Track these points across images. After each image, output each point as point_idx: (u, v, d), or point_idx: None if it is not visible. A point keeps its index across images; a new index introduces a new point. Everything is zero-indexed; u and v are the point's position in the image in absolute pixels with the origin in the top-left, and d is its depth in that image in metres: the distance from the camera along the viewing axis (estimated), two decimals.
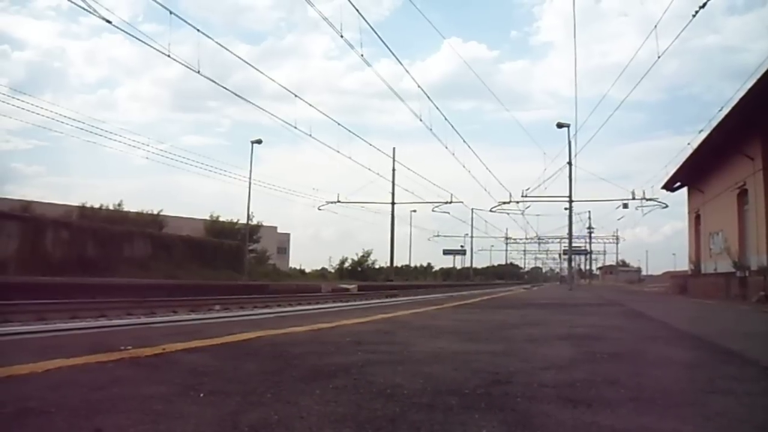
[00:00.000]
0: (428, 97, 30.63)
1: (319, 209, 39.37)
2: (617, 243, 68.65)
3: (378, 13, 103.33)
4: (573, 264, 38.84)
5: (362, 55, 16.66)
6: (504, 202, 31.52)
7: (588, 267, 78.48)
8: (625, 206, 33.20)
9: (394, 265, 46.84)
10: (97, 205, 33.59)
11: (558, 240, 60.79)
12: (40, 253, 21.03)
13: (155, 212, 36.60)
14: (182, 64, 14.99)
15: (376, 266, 55.38)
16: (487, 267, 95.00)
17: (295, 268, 53.72)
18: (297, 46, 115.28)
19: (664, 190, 27.73)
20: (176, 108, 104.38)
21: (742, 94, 14.17)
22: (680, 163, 22.39)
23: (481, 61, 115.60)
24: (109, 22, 12.88)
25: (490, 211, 34.80)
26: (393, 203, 41.40)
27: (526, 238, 63.56)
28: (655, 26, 14.44)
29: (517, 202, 31.18)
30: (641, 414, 2.12)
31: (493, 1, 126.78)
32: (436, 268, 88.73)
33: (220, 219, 42.43)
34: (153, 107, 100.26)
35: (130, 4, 68.03)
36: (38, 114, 40.93)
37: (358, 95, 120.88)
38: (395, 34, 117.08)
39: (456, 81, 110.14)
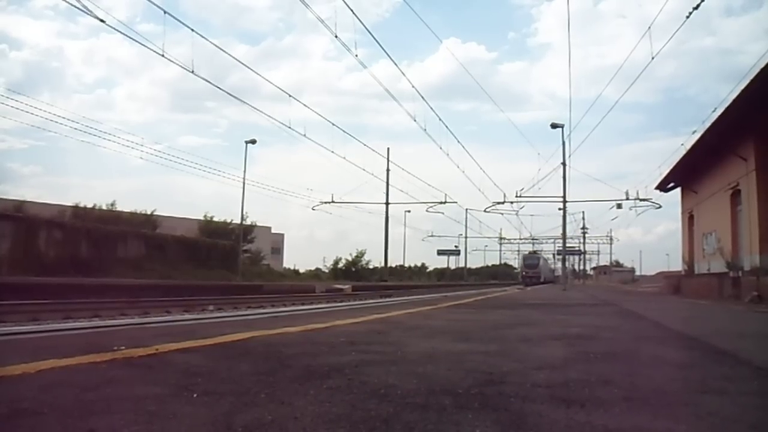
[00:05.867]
0: (423, 98, 30.79)
1: (314, 209, 39.38)
2: (611, 243, 68.93)
3: (377, 14, 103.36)
4: (567, 264, 38.93)
5: (356, 56, 16.69)
6: (498, 203, 31.61)
7: (582, 267, 78.84)
8: (619, 206, 33.45)
9: (389, 265, 46.87)
10: (90, 205, 33.51)
11: (552, 240, 61.11)
12: (33, 253, 20.94)
13: (149, 212, 36.56)
14: (177, 65, 14.96)
15: (371, 266, 55.58)
16: (481, 267, 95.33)
17: (289, 269, 53.74)
18: (296, 46, 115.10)
19: (658, 191, 27.93)
20: (174, 108, 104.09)
21: (735, 95, 14.29)
22: (674, 164, 22.54)
23: (479, 62, 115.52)
24: (102, 21, 12.84)
25: (485, 211, 34.88)
26: (387, 203, 41.45)
27: (520, 239, 63.85)
28: (649, 27, 14.52)
29: (512, 203, 31.31)
30: (634, 413, 2.13)
31: (492, 2, 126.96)
32: (431, 268, 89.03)
33: (214, 219, 42.40)
34: (151, 107, 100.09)
35: (128, 4, 67.70)
36: (34, 114, 40.78)
37: (357, 96, 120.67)
38: (395, 35, 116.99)
39: (454, 82, 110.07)
